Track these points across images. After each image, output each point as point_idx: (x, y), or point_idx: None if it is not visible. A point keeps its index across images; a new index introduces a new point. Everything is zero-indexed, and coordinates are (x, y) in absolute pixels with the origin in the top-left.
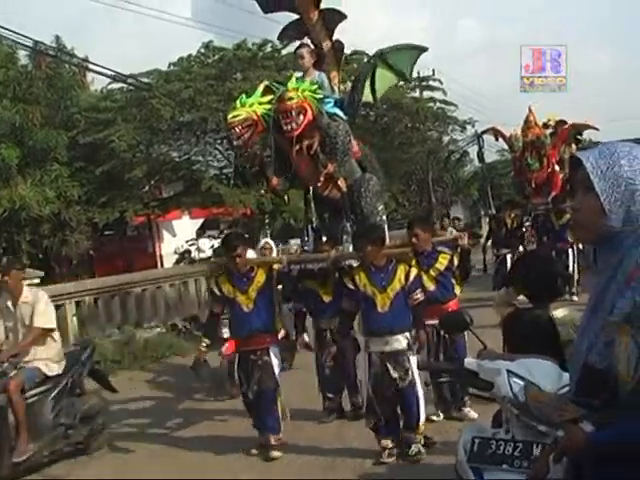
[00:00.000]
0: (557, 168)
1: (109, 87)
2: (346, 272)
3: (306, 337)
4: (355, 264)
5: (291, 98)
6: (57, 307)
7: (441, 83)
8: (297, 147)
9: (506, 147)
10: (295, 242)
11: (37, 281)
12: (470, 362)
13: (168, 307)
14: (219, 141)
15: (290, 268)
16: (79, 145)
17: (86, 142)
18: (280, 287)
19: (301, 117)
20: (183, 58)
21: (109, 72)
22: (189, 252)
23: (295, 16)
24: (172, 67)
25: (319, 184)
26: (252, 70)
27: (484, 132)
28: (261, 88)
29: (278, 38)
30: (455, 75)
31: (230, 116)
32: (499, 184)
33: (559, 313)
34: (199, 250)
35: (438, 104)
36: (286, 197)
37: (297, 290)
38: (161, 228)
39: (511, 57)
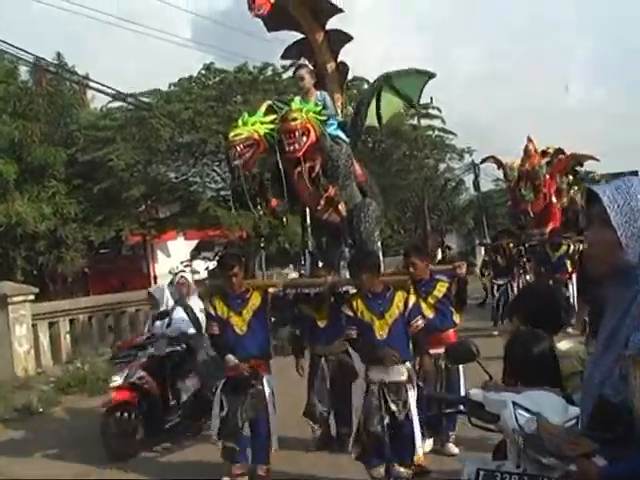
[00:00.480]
0: (554, 199)
1: (109, 106)
2: (343, 299)
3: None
4: (352, 290)
5: (295, 118)
6: (51, 324)
7: (440, 111)
8: (299, 169)
9: (502, 176)
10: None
11: (32, 297)
12: (476, 393)
13: None
14: (217, 163)
15: (286, 292)
16: (77, 163)
17: (85, 160)
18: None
19: (304, 138)
20: (184, 79)
21: (110, 90)
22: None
23: (300, 35)
24: (172, 87)
25: (319, 207)
26: (252, 93)
27: (484, 160)
28: (264, 108)
29: (282, 57)
30: (453, 102)
31: (231, 134)
32: (494, 213)
33: (563, 345)
34: (193, 271)
35: (437, 132)
36: (284, 219)
37: (293, 314)
38: (155, 248)
39: (511, 85)
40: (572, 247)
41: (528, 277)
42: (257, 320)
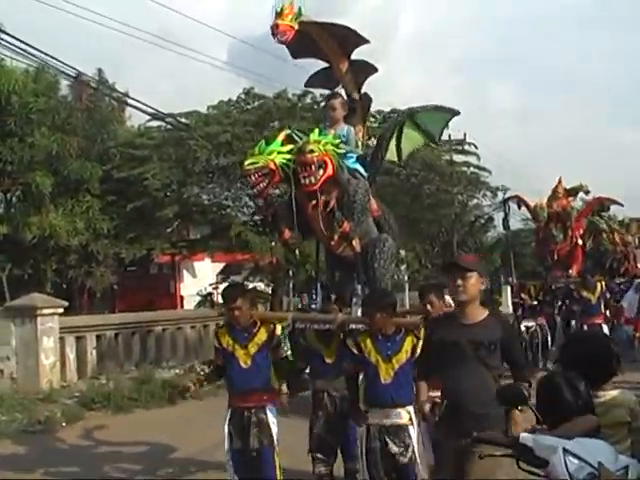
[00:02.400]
0: (580, 242)
1: (147, 124)
2: (352, 336)
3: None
4: (362, 328)
5: (312, 151)
6: (78, 339)
7: (476, 147)
8: (314, 202)
9: (530, 216)
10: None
11: (61, 310)
12: (526, 437)
13: (187, 349)
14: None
15: (295, 326)
16: (112, 179)
17: (120, 177)
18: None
19: (321, 171)
20: (223, 102)
21: (148, 109)
22: (211, 295)
23: (324, 64)
24: (211, 110)
25: (333, 242)
26: (290, 120)
27: (508, 199)
28: (281, 137)
29: (305, 85)
30: (487, 140)
31: (247, 163)
32: (522, 253)
33: (611, 394)
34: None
35: (472, 169)
36: (297, 251)
37: (299, 346)
38: (182, 268)
39: (545, 123)
40: (604, 289)
41: (559, 320)
42: (262, 355)
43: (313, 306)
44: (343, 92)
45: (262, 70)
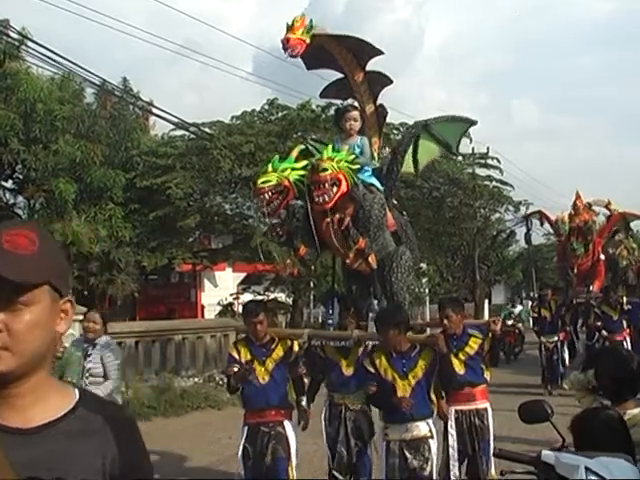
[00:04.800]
0: (602, 257)
1: (170, 133)
2: (368, 354)
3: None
4: (378, 344)
5: (325, 169)
6: None
7: (499, 162)
8: (328, 219)
9: (552, 231)
10: None
11: (81, 317)
12: (548, 455)
13: (207, 358)
14: None
15: (311, 343)
16: (135, 187)
17: (143, 185)
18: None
19: (334, 189)
20: (246, 112)
21: (172, 118)
22: (232, 305)
23: (339, 74)
24: (235, 120)
25: (348, 260)
26: (314, 131)
27: (531, 214)
28: (295, 153)
29: (320, 95)
30: (510, 156)
31: (260, 181)
32: (543, 267)
33: (633, 412)
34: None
35: (494, 183)
36: (313, 267)
37: (317, 358)
38: (203, 278)
39: (568, 142)
40: (625, 305)
41: (583, 337)
42: (279, 371)
43: (330, 321)
44: (356, 103)
45: (286, 81)
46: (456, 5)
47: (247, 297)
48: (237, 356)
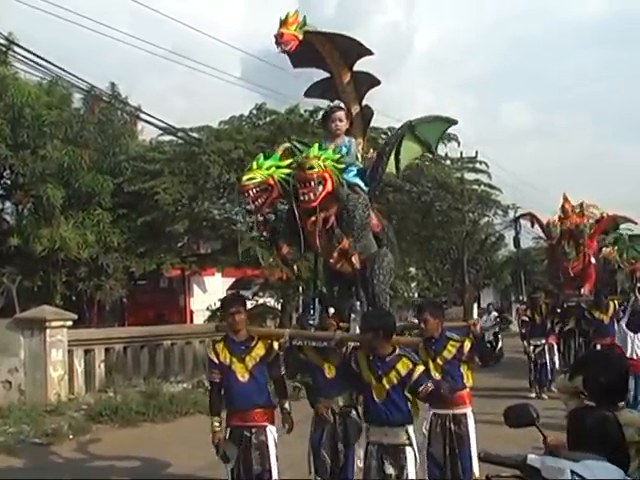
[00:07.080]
0: (593, 260)
1: (159, 138)
2: (352, 355)
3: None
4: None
5: (312, 167)
6: (86, 351)
7: (487, 166)
8: (313, 218)
9: (542, 234)
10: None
11: (69, 323)
12: (533, 459)
13: (196, 363)
14: None
15: (292, 343)
16: (124, 193)
17: (131, 190)
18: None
19: (320, 188)
20: (235, 117)
21: (160, 123)
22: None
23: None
24: (223, 125)
25: (332, 259)
26: (302, 136)
27: (521, 217)
28: (280, 151)
29: (305, 94)
30: (499, 159)
31: (245, 178)
32: (532, 271)
33: (623, 414)
34: None
35: (483, 187)
36: (295, 267)
37: (300, 362)
38: (192, 283)
39: (558, 144)
40: (616, 308)
41: (580, 340)
42: (259, 369)
43: (310, 322)
44: (342, 104)
45: (274, 86)
46: (449, 7)
47: None
48: (216, 359)
